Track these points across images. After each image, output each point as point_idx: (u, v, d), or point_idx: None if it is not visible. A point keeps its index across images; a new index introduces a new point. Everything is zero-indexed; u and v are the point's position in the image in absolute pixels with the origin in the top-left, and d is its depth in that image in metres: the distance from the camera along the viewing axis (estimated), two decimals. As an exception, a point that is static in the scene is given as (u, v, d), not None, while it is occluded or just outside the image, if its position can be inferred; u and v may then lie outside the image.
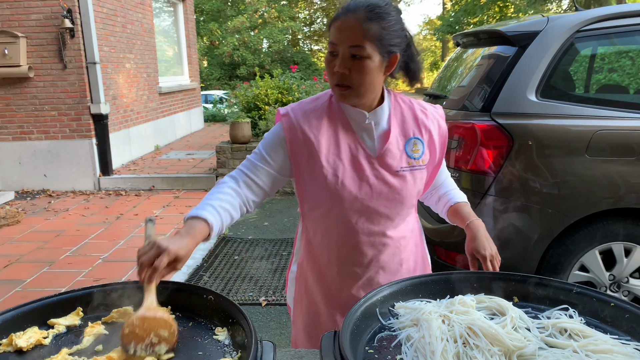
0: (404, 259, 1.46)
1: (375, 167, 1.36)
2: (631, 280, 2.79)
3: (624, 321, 1.04)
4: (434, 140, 1.43)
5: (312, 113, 1.37)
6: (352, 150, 1.36)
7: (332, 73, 1.29)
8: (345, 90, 1.29)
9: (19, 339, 1.06)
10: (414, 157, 1.39)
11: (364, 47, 1.24)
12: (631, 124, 2.63)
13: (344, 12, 1.26)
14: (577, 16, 2.75)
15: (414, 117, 1.42)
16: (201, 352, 1.04)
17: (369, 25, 1.24)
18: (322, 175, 1.34)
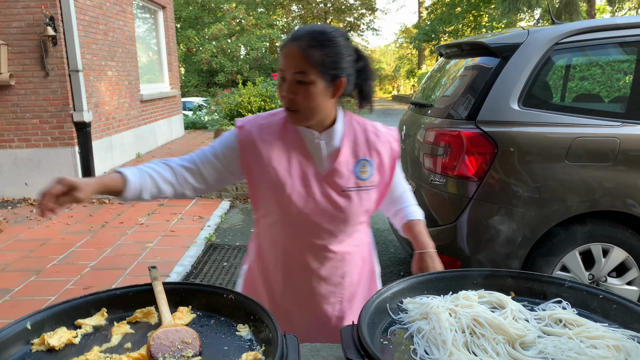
0: (346, 272, 1.51)
1: (323, 185, 1.42)
2: (609, 279, 2.94)
3: (612, 311, 1.15)
4: (383, 162, 1.49)
5: (266, 128, 1.44)
6: (303, 166, 1.42)
7: (282, 97, 1.36)
8: (295, 114, 1.36)
9: (51, 338, 1.11)
10: (361, 177, 1.45)
11: (307, 73, 1.30)
12: (606, 131, 2.79)
13: (290, 40, 1.34)
14: (555, 29, 2.90)
15: (365, 140, 1.48)
16: (226, 347, 1.11)
17: (311, 53, 1.30)
18: (270, 188, 1.42)
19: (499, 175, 2.81)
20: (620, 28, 2.90)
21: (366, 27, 32.93)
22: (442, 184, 2.99)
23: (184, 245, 4.71)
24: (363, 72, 1.43)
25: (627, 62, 3.24)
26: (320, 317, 1.51)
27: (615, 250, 2.87)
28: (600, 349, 0.99)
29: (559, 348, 1.01)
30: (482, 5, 24.03)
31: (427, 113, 3.41)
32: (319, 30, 1.34)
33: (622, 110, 2.97)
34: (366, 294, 1.58)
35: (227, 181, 1.49)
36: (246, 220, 5.75)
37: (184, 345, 1.09)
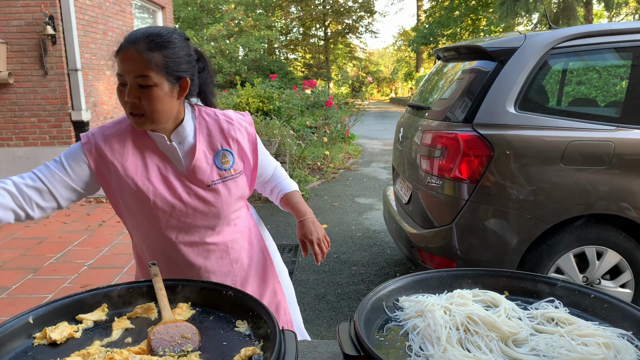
0: (233, 259, 1.54)
1: (186, 184, 1.41)
2: (603, 282, 2.97)
3: (603, 310, 1.18)
4: (243, 147, 1.50)
5: (113, 138, 1.41)
6: (162, 170, 1.41)
7: (124, 103, 1.33)
8: (140, 118, 1.33)
9: (53, 332, 1.13)
10: (224, 168, 1.45)
11: (149, 77, 1.28)
12: (601, 135, 2.82)
13: (125, 44, 1.30)
14: (552, 34, 2.93)
15: (220, 130, 1.47)
16: (225, 342, 1.13)
17: (150, 55, 1.28)
18: (132, 199, 1.39)
19: (495, 178, 2.84)
20: (616, 33, 2.94)
21: (365, 30, 32.98)
22: (438, 186, 3.01)
23: (181, 245, 4.73)
24: (203, 72, 1.45)
25: (623, 67, 3.27)
26: None
27: (609, 253, 2.90)
28: (590, 346, 1.02)
29: (550, 345, 1.04)
30: (480, 9, 24.13)
31: (425, 115, 3.44)
32: (156, 33, 1.32)
33: (617, 114, 3.01)
34: (261, 273, 1.61)
35: (80, 196, 1.44)
36: (243, 220, 5.77)
37: (183, 340, 1.11)
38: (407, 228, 3.29)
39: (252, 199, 6.61)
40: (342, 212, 6.23)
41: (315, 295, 3.83)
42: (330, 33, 31.70)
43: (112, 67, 1.35)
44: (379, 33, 40.88)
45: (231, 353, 1.08)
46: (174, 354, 1.09)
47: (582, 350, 1.00)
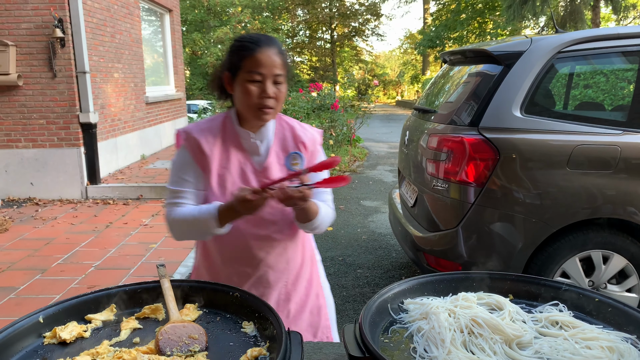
0: (290, 257, 1.64)
1: (260, 179, 1.55)
2: (609, 286, 2.97)
3: (608, 314, 1.18)
4: (311, 155, 1.64)
5: (208, 131, 1.55)
6: (241, 164, 1.55)
7: (260, 97, 1.46)
8: (270, 111, 1.49)
9: (62, 332, 1.15)
10: (293, 169, 1.57)
11: (282, 75, 1.48)
12: (607, 139, 2.82)
13: (264, 45, 1.46)
14: (558, 38, 2.94)
15: (293, 135, 1.62)
16: (232, 342, 1.14)
17: (282, 57, 1.48)
18: (213, 185, 1.52)
19: (500, 182, 2.84)
20: (622, 38, 2.94)
21: (371, 33, 33.02)
22: (444, 189, 3.02)
23: (187, 247, 4.75)
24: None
25: (630, 71, 3.27)
26: (269, 301, 1.57)
27: (615, 258, 2.89)
28: (594, 349, 1.02)
29: (554, 348, 1.04)
30: (487, 12, 24.10)
31: (431, 119, 3.45)
32: (276, 39, 1.53)
33: (624, 118, 3.01)
34: (308, 275, 1.71)
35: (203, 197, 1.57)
36: (249, 222, 5.78)
37: (190, 340, 1.13)
38: (412, 231, 3.30)
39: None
40: (348, 215, 6.23)
41: (320, 298, 3.84)
42: (337, 36, 31.76)
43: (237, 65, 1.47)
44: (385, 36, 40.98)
45: (237, 354, 1.09)
46: (182, 354, 1.10)
47: (585, 354, 1.00)
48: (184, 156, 1.54)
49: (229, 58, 1.52)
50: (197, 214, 1.46)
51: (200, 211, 1.46)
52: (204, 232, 1.48)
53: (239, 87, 1.49)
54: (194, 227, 1.48)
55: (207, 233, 1.48)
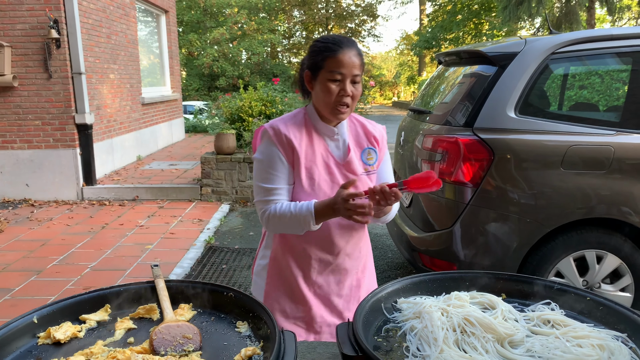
0: (362, 247, 1.75)
1: (343, 172, 1.64)
2: (603, 285, 2.98)
3: (599, 312, 1.19)
4: (381, 150, 1.74)
5: (292, 125, 1.62)
6: (324, 157, 1.62)
7: (338, 96, 1.54)
8: (347, 109, 1.56)
9: (57, 332, 1.15)
10: (369, 163, 1.69)
11: (359, 75, 1.54)
12: (601, 139, 2.83)
13: (346, 47, 1.53)
14: (552, 39, 2.95)
15: (365, 131, 1.72)
16: (226, 342, 1.15)
17: (361, 59, 1.56)
18: (302, 178, 1.59)
19: (495, 182, 2.86)
20: (616, 39, 2.96)
21: (367, 34, 33.04)
22: (439, 189, 3.02)
23: (183, 248, 4.75)
24: None
25: (624, 72, 3.29)
26: (344, 288, 1.71)
27: (609, 257, 2.91)
28: (585, 347, 1.03)
29: (545, 347, 1.05)
30: (483, 14, 24.16)
31: (426, 119, 3.46)
32: (355, 41, 1.59)
33: (617, 119, 3.02)
34: (370, 264, 1.85)
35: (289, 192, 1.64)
36: (245, 223, 5.79)
37: (185, 340, 1.13)
38: (408, 231, 3.30)
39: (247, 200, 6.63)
40: (344, 216, 6.23)
41: (316, 298, 3.84)
42: (333, 37, 31.69)
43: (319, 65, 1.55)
44: (381, 37, 40.94)
45: (231, 353, 1.10)
46: (176, 353, 1.10)
47: (576, 352, 1.01)
48: (271, 151, 1.59)
49: (311, 57, 1.58)
50: (295, 211, 1.52)
51: (298, 209, 1.52)
52: (301, 228, 1.54)
53: (319, 85, 1.56)
54: (291, 224, 1.54)
55: (303, 229, 1.54)
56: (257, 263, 1.79)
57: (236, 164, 6.56)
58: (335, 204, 1.44)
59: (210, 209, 6.21)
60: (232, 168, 6.57)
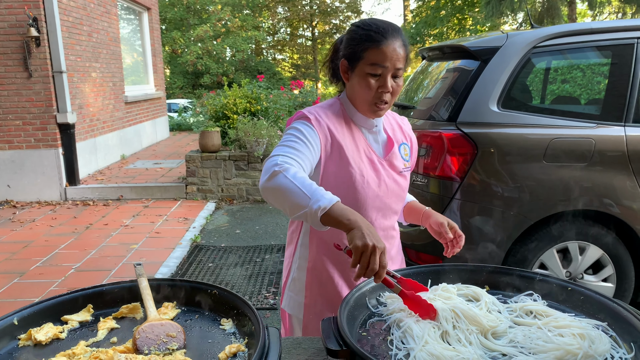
0: (399, 248, 1.68)
1: (386, 168, 1.51)
2: (585, 276, 3.02)
3: (579, 302, 1.21)
4: (413, 146, 1.64)
5: (333, 117, 1.47)
6: (367, 153, 1.49)
7: (377, 93, 1.38)
8: (386, 106, 1.43)
9: (38, 333, 1.13)
10: (406, 159, 1.57)
11: (403, 69, 1.39)
12: (582, 132, 2.87)
13: (390, 37, 1.35)
14: (533, 33, 2.98)
15: (398, 126, 1.61)
16: (210, 340, 1.14)
17: (405, 51, 1.39)
18: (350, 175, 1.43)
19: (479, 176, 2.88)
20: (595, 32, 2.99)
21: (352, 30, 33.01)
22: (424, 184, 3.04)
23: (169, 247, 4.72)
24: None
25: (604, 66, 3.33)
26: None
27: (591, 248, 2.95)
28: (566, 337, 1.04)
29: (528, 337, 1.06)
30: (466, 9, 24.28)
31: (410, 115, 3.47)
32: (400, 28, 1.40)
33: (597, 112, 3.06)
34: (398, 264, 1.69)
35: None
36: (232, 221, 5.77)
37: (168, 338, 1.12)
38: (393, 226, 3.31)
39: (241, 200, 6.61)
40: (331, 212, 6.23)
41: (303, 295, 3.84)
42: (318, 33, 31.72)
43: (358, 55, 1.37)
44: (366, 33, 40.70)
45: (216, 350, 1.09)
46: (160, 352, 1.09)
47: (558, 341, 1.02)
48: (310, 131, 1.39)
49: (349, 45, 1.40)
50: (313, 187, 1.19)
51: (316, 187, 1.19)
52: (299, 208, 1.18)
53: (357, 78, 1.40)
54: (295, 195, 1.19)
55: (299, 213, 1.19)
56: (291, 277, 1.60)
57: (221, 162, 6.53)
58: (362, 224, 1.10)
59: (195, 207, 6.18)
60: (217, 166, 6.54)
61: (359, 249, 1.06)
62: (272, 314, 3.53)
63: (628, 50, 2.93)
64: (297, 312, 1.58)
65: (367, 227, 1.10)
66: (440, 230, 1.55)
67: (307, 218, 1.18)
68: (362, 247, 1.06)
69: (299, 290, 1.57)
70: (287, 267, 1.63)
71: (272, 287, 3.93)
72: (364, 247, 1.06)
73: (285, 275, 1.64)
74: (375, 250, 1.06)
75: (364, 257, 1.06)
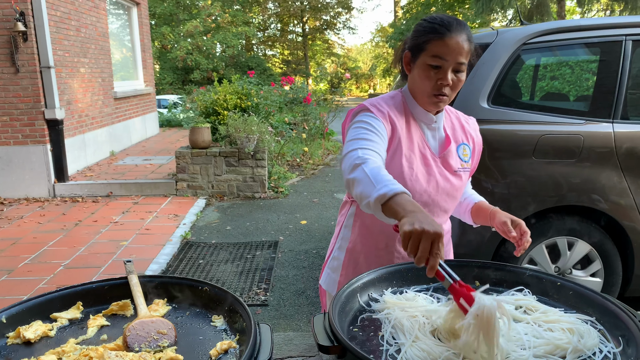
0: (447, 250, 1.66)
1: (439, 165, 1.50)
2: (574, 271, 3.06)
3: (569, 297, 1.22)
4: (475, 147, 1.61)
5: (395, 108, 1.49)
6: (420, 147, 1.49)
7: (436, 84, 1.39)
8: (445, 99, 1.42)
9: (27, 331, 1.12)
10: (464, 160, 1.55)
11: (465, 64, 1.40)
12: (571, 129, 2.89)
13: (455, 31, 1.36)
14: (523, 30, 2.99)
15: (461, 126, 1.59)
16: (201, 337, 1.14)
17: (469, 46, 1.39)
18: (399, 165, 1.45)
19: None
20: (584, 29, 3.01)
21: (342, 26, 33.03)
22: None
23: (159, 244, 4.70)
24: None
25: (593, 62, 3.35)
26: None
27: (580, 244, 2.98)
28: (556, 331, 1.05)
29: (517, 332, 1.07)
30: (456, 5, 24.37)
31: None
32: (466, 24, 1.41)
33: (586, 108, 3.08)
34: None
35: None
36: (222, 217, 5.75)
37: (159, 335, 1.12)
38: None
39: (232, 196, 6.60)
40: (322, 208, 6.25)
41: (294, 291, 3.85)
42: (308, 29, 31.67)
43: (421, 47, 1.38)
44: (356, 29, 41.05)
45: (207, 347, 1.09)
46: (150, 349, 1.09)
47: (547, 336, 1.03)
48: (376, 121, 1.41)
49: (413, 37, 1.43)
50: (384, 178, 1.18)
51: (389, 177, 1.19)
52: (366, 195, 1.18)
53: (417, 70, 1.42)
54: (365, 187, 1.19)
55: (364, 202, 1.19)
56: (332, 256, 1.67)
57: (212, 158, 6.50)
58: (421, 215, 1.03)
59: (186, 204, 6.15)
60: (208, 162, 6.51)
61: (406, 235, 0.99)
62: (263, 310, 3.53)
63: (616, 48, 2.95)
64: (331, 289, 1.64)
65: (423, 215, 1.03)
66: (504, 229, 1.51)
67: (370, 207, 1.16)
68: (409, 232, 0.99)
69: (336, 269, 1.63)
70: (331, 247, 1.69)
71: (263, 284, 3.93)
72: (410, 233, 0.98)
73: (328, 254, 1.70)
74: (424, 235, 0.97)
75: (412, 243, 0.99)
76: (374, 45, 45.12)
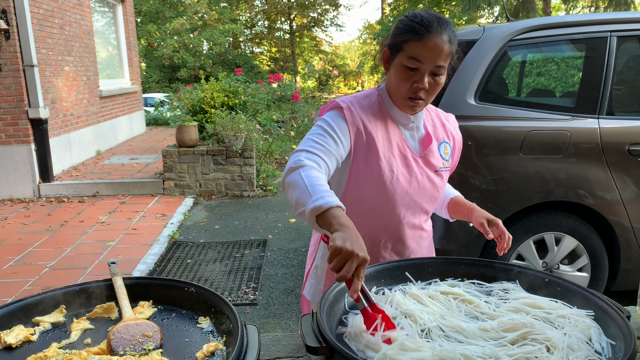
0: (430, 249, 1.65)
1: (420, 165, 1.47)
2: (561, 266, 3.08)
3: (557, 293, 1.22)
4: (456, 145, 1.59)
5: (368, 109, 1.43)
6: (400, 148, 1.44)
7: (411, 87, 1.34)
8: (419, 102, 1.37)
9: (7, 336, 1.10)
10: (445, 158, 1.53)
11: (444, 67, 1.33)
12: (558, 125, 2.91)
13: (435, 32, 1.29)
14: (509, 26, 3.00)
15: (441, 124, 1.56)
16: (187, 339, 1.12)
17: (450, 47, 1.32)
18: (379, 169, 1.41)
19: (456, 168, 2.88)
20: (569, 26, 3.03)
21: (330, 23, 33.00)
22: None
23: (146, 244, 4.65)
24: None
25: (579, 59, 3.37)
26: None
27: (567, 239, 3.00)
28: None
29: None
30: (443, 2, 24.44)
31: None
32: (450, 22, 1.34)
33: (572, 104, 3.10)
34: None
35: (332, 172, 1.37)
36: (210, 217, 5.71)
37: (144, 338, 1.10)
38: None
39: (220, 195, 6.56)
40: (310, 206, 6.23)
41: (284, 290, 3.84)
42: (296, 26, 31.59)
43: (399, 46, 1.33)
44: (344, 26, 41.03)
45: (194, 349, 1.07)
46: (135, 352, 1.07)
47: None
48: (340, 123, 1.38)
49: (393, 35, 1.37)
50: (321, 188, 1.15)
51: (326, 189, 1.16)
52: (300, 206, 1.17)
53: (394, 70, 1.36)
54: (303, 192, 1.16)
55: (299, 211, 1.17)
56: (314, 265, 1.61)
57: (199, 157, 6.46)
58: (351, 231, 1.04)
59: (173, 203, 6.11)
60: (195, 161, 6.47)
61: (336, 250, 0.98)
62: (252, 309, 3.51)
63: (601, 44, 2.97)
64: (315, 299, 1.59)
65: (355, 235, 1.03)
66: (482, 230, 1.51)
67: (304, 215, 1.14)
68: (340, 249, 0.98)
69: (320, 278, 1.58)
70: (312, 255, 1.64)
71: (252, 283, 3.91)
72: (340, 249, 0.98)
73: (310, 262, 1.65)
74: (353, 257, 0.98)
75: (338, 260, 0.98)
76: (362, 42, 45.15)
